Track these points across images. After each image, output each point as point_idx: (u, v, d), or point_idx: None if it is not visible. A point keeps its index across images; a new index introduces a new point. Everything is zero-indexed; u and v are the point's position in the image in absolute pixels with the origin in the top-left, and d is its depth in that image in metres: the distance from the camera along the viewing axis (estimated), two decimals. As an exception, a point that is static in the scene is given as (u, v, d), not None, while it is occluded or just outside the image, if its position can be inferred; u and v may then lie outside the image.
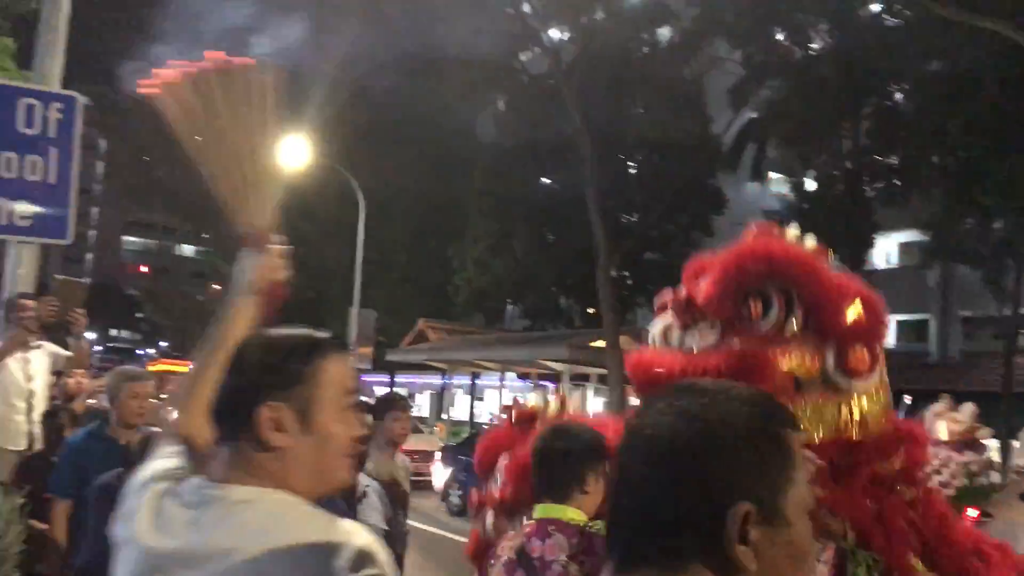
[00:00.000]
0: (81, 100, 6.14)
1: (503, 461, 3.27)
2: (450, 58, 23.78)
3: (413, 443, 10.45)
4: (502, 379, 25.81)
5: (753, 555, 0.87)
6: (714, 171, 24.91)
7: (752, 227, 2.94)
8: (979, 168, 16.89)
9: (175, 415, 1.84)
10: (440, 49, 23.85)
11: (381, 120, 30.04)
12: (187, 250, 71.45)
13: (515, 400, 3.68)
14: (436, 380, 31.31)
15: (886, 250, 29.56)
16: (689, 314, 2.61)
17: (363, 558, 1.34)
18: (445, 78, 24.83)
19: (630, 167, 25.62)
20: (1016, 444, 12.98)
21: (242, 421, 1.45)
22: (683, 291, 2.65)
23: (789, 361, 2.49)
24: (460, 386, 31.41)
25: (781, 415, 0.96)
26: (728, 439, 0.90)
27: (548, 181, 27.65)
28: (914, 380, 24.96)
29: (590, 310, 27.02)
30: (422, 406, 34.93)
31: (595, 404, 20.87)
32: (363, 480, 4.33)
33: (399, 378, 34.35)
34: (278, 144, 2.17)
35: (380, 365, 30.13)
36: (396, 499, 4.67)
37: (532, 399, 3.62)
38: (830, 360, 2.52)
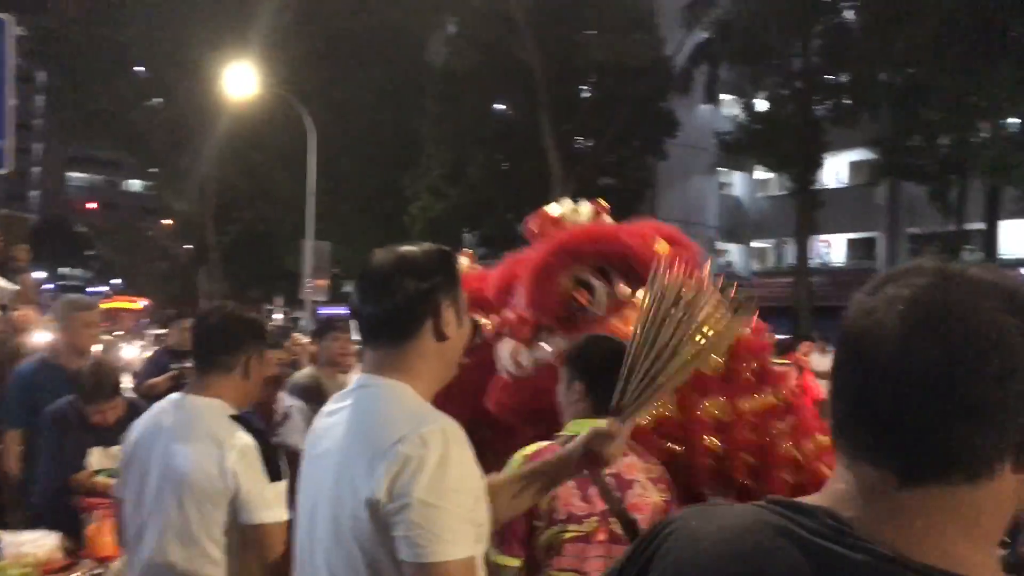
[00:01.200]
0: (12, 24, 5.93)
1: None
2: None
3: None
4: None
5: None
6: (667, 94, 24.87)
7: (532, 220, 3.05)
8: (925, 85, 17.10)
9: None
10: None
11: (329, 46, 29.37)
12: (135, 185, 69.95)
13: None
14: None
15: (836, 169, 29.94)
16: (526, 328, 2.71)
17: None
18: (394, 1, 24.32)
19: (583, 91, 25.47)
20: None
21: (416, 323, 1.67)
22: (510, 314, 2.72)
23: (632, 324, 2.65)
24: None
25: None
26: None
27: (502, 107, 27.41)
28: (863, 296, 25.66)
29: (546, 236, 27.11)
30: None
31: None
32: (286, 400, 4.32)
33: (357, 308, 34.33)
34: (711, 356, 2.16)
35: (337, 297, 30.05)
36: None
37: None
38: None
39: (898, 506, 0.82)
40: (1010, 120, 16.41)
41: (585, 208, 3.08)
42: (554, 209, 3.14)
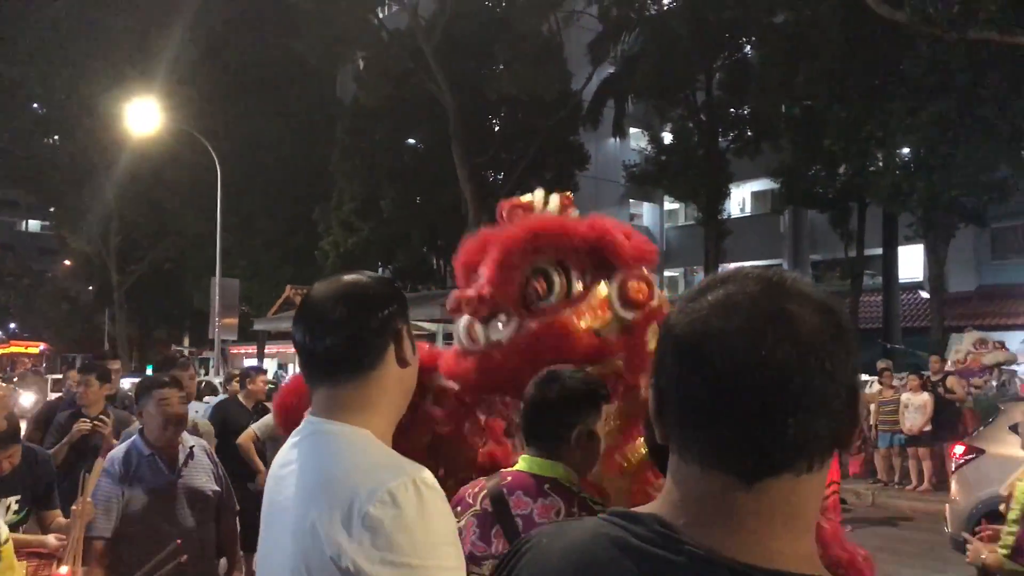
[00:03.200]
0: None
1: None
2: (305, 14, 23.14)
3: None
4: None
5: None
6: (576, 127, 25.24)
7: (503, 205, 3.14)
8: (823, 116, 17.73)
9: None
10: (294, 5, 23.18)
11: (236, 81, 29.01)
12: (33, 225, 67.49)
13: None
14: (307, 347, 30.75)
15: (740, 199, 30.83)
16: (484, 308, 2.72)
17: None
18: (301, 36, 24.15)
19: (494, 124, 25.67)
20: (867, 378, 13.90)
21: (372, 356, 1.56)
22: (471, 291, 2.74)
23: (585, 320, 2.70)
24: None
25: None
26: (849, 324, 0.88)
27: (413, 141, 27.40)
28: (770, 322, 26.33)
29: (460, 269, 27.07)
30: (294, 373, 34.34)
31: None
32: (188, 439, 4.14)
33: (269, 347, 33.63)
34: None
35: (248, 335, 29.41)
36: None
37: None
38: (615, 301, 2.74)
39: (733, 508, 0.85)
40: (904, 149, 17.10)
41: (555, 200, 3.10)
42: (526, 197, 3.16)
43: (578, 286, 2.78)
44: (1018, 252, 23.96)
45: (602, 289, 2.76)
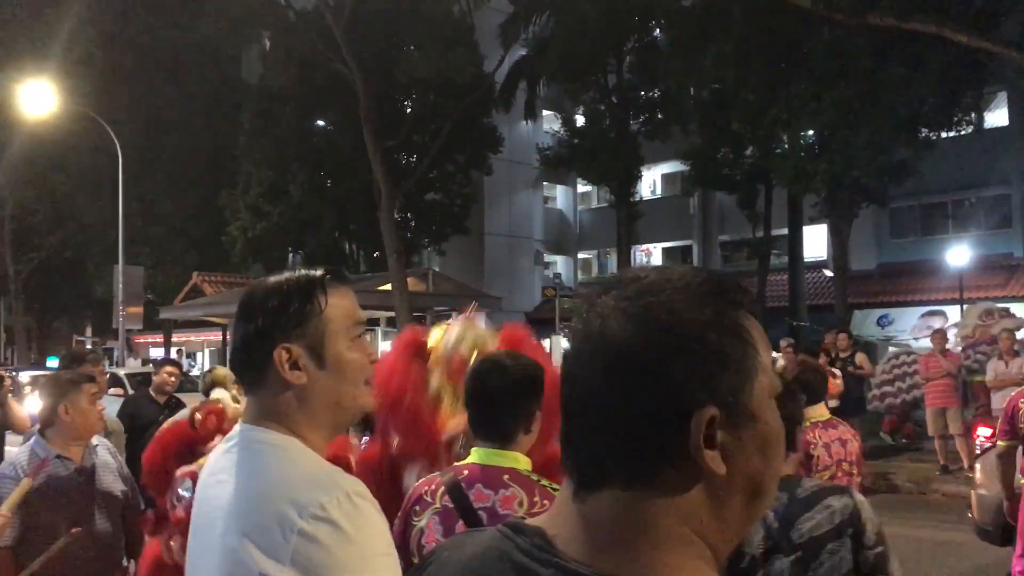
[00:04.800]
0: None
1: (182, 472, 2.99)
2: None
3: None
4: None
5: (721, 458, 0.80)
6: (489, 110, 25.15)
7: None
8: (729, 99, 18.06)
9: None
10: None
11: (138, 62, 27.97)
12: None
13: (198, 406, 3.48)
14: (216, 336, 30.10)
15: (650, 181, 31.26)
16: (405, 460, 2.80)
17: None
18: (205, 15, 23.42)
19: (406, 107, 25.38)
20: (776, 355, 14.21)
21: (260, 367, 1.50)
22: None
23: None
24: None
25: (733, 296, 0.86)
26: (684, 339, 0.81)
27: (322, 123, 26.90)
28: (681, 302, 26.86)
29: (375, 254, 26.79)
30: (204, 363, 33.56)
31: (385, 347, 20.82)
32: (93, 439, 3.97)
33: (177, 336, 32.73)
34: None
35: (154, 324, 28.55)
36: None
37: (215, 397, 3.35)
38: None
39: (580, 518, 0.85)
40: (808, 132, 17.54)
41: (455, 330, 3.01)
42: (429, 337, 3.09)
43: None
44: (916, 231, 24.93)
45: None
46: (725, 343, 0.82)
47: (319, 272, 1.57)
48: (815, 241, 24.92)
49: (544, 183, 33.28)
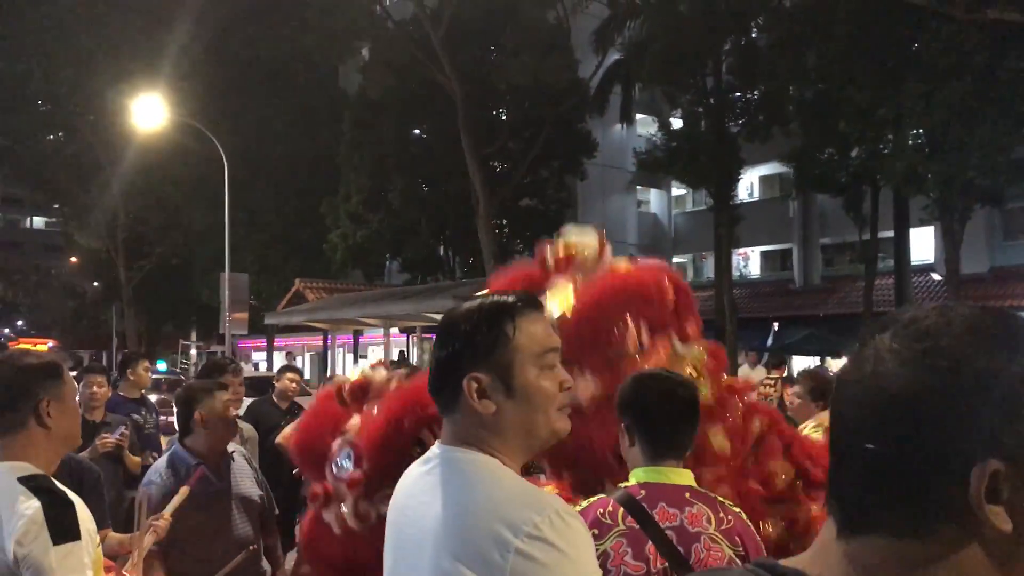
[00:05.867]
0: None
1: (343, 440, 3.02)
2: (309, 5, 22.99)
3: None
4: (386, 335, 25.58)
5: (1007, 514, 0.75)
6: (583, 115, 25.10)
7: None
8: (835, 98, 17.56)
9: None
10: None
11: (241, 74, 28.88)
12: (38, 222, 67.49)
13: (334, 376, 3.47)
14: (317, 341, 30.77)
15: (747, 183, 30.67)
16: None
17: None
18: (305, 27, 23.99)
19: (501, 113, 25.52)
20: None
21: (452, 394, 1.52)
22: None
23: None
24: (342, 345, 30.98)
25: (1018, 344, 0.80)
26: (966, 387, 0.76)
27: (419, 132, 27.27)
28: (780, 307, 26.29)
29: (471, 260, 27.01)
30: (305, 368, 34.36)
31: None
32: (230, 445, 4.06)
33: (279, 341, 33.60)
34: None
35: (257, 329, 29.37)
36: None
37: (360, 370, 3.34)
38: (676, 342, 2.83)
39: (848, 559, 0.82)
40: (919, 131, 16.94)
41: (591, 238, 3.11)
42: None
43: (645, 332, 2.81)
44: (1031, 232, 23.84)
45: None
46: (1016, 392, 0.76)
47: (510, 299, 1.58)
48: (922, 244, 24.06)
49: (638, 187, 33.03)
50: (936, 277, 23.50)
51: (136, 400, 6.55)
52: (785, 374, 11.74)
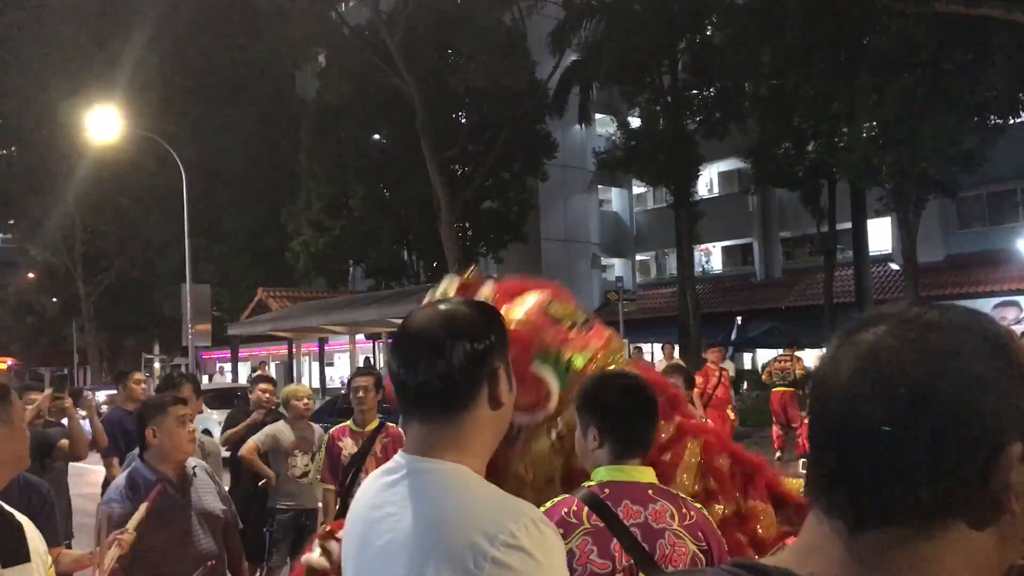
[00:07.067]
0: None
1: None
2: (265, 13, 22.82)
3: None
4: (351, 342, 25.47)
5: (1015, 498, 0.77)
6: (543, 116, 25.18)
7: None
8: (790, 93, 17.79)
9: None
10: (253, 5, 22.86)
11: (198, 85, 28.60)
12: (-9, 239, 66.32)
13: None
14: (282, 350, 30.55)
15: (706, 180, 30.94)
16: None
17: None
18: (260, 35, 23.82)
19: (461, 117, 25.52)
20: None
21: (469, 393, 1.46)
22: None
23: None
24: (307, 353, 30.78)
25: (1006, 331, 0.83)
26: (983, 377, 0.78)
27: (379, 137, 27.18)
28: (743, 301, 26.56)
29: (434, 264, 26.97)
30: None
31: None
32: (191, 460, 4.00)
33: (243, 351, 33.30)
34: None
35: (221, 340, 29.08)
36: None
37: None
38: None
39: (852, 556, 0.81)
40: (872, 124, 17.20)
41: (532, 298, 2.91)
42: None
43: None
44: (984, 220, 24.29)
45: None
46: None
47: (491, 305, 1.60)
48: (879, 234, 24.43)
49: (599, 186, 33.18)
50: (894, 267, 23.88)
51: (132, 412, 6.67)
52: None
